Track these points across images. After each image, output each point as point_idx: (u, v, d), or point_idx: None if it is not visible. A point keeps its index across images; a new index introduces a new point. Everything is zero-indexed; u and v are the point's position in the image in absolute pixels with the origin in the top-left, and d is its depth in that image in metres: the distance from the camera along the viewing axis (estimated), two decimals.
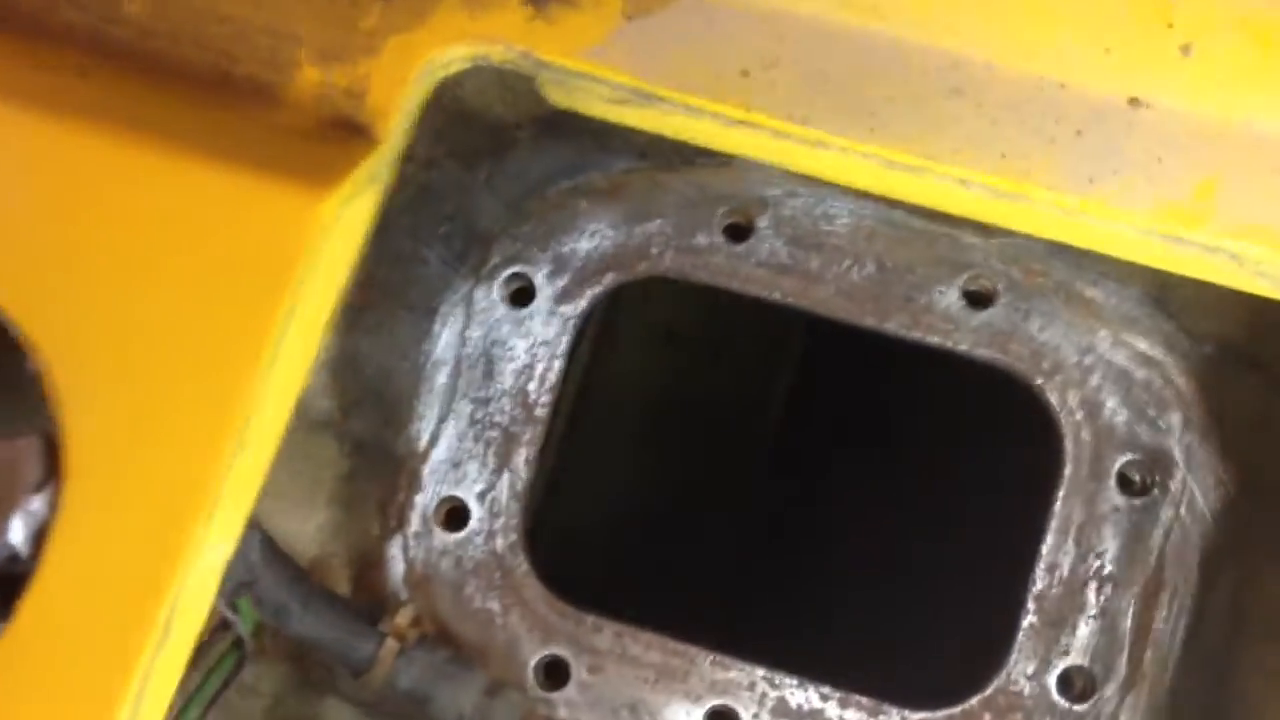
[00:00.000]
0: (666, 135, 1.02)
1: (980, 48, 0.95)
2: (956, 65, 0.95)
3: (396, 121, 0.95)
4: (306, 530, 1.29)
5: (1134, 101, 0.96)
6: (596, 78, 0.97)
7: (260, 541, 1.13)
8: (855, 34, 0.97)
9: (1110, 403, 1.28)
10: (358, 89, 0.95)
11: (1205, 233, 0.94)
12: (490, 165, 1.29)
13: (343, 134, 0.92)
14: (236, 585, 1.09)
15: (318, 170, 0.88)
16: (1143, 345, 1.28)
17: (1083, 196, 0.93)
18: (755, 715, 1.29)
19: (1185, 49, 0.94)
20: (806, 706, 1.29)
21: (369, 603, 1.25)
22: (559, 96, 1.01)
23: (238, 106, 0.92)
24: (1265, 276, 0.95)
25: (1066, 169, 0.93)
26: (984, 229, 1.26)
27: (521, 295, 1.31)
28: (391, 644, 1.17)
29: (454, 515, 1.31)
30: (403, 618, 1.19)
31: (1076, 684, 1.28)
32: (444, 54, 0.96)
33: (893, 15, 0.96)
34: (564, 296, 1.31)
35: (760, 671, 1.29)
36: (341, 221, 0.90)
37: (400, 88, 0.94)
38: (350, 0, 0.96)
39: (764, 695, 1.29)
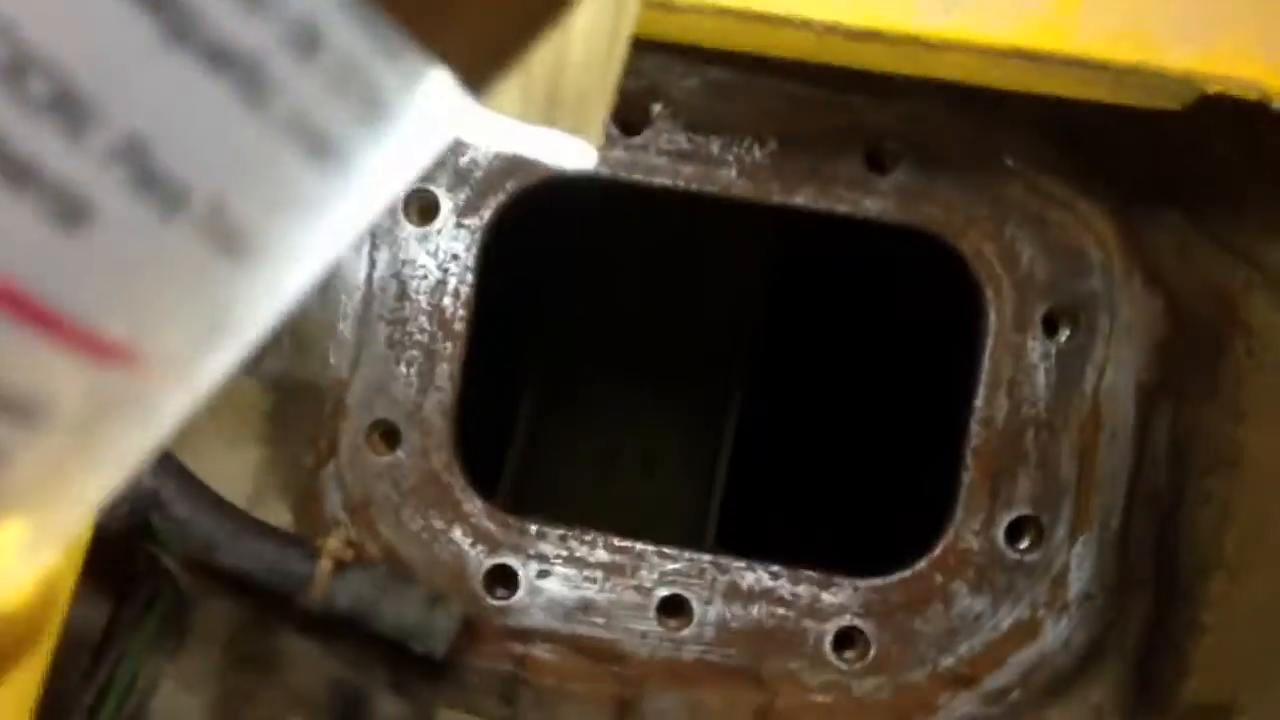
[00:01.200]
0: None
1: None
2: None
3: None
4: (241, 469, 1.28)
5: None
6: None
7: (175, 473, 1.13)
8: None
9: (1028, 251, 1.26)
10: None
11: (1070, 45, 0.92)
12: None
13: None
14: (144, 513, 1.08)
15: None
16: (1056, 189, 1.26)
17: (941, 28, 0.91)
18: (707, 600, 1.29)
19: None
20: (758, 586, 1.29)
21: (308, 534, 1.25)
22: None
23: None
24: (1137, 87, 0.93)
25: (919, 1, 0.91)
26: (880, 95, 1.24)
27: (425, 212, 1.30)
28: (325, 564, 1.17)
29: (385, 438, 1.30)
30: (336, 540, 1.19)
31: (1025, 534, 1.28)
32: None
33: None
34: (468, 209, 1.29)
35: (707, 559, 1.29)
36: None
37: None
38: None
39: (714, 581, 1.29)
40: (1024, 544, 1.28)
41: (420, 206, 1.29)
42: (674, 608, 1.29)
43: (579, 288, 1.89)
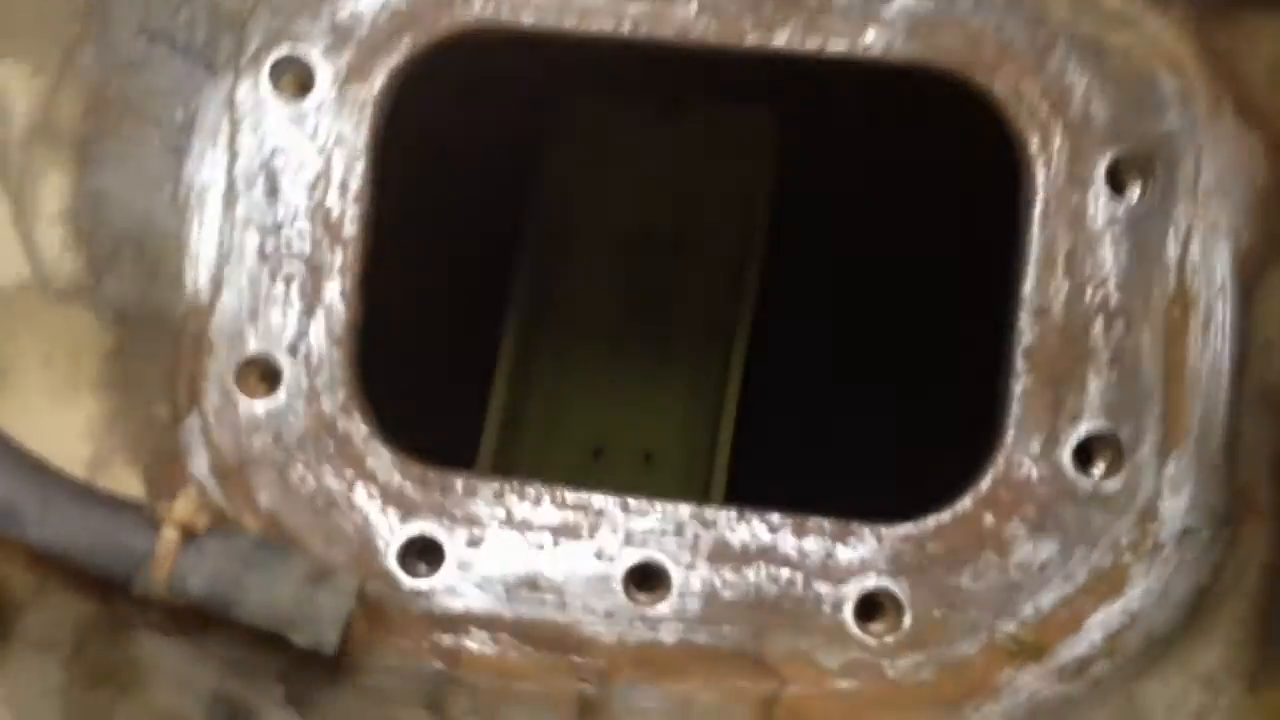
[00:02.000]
0: None
1: None
2: None
3: None
4: (73, 427, 1.00)
5: None
6: None
7: None
8: None
9: (1081, 85, 0.97)
10: None
11: None
12: None
13: None
14: None
15: None
16: (1113, 1, 0.96)
17: None
18: (689, 565, 0.99)
19: None
20: (753, 543, 0.99)
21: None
22: None
23: None
24: None
25: None
26: None
27: (297, 83, 1.01)
28: (169, 534, 0.88)
29: (261, 377, 1.01)
30: (185, 503, 0.90)
31: (1098, 455, 0.98)
32: None
33: None
34: (352, 76, 1.01)
35: (687, 510, 0.99)
36: None
37: None
38: None
39: (696, 539, 0.99)
40: (1098, 468, 0.98)
41: (292, 77, 1.01)
42: (646, 577, 0.99)
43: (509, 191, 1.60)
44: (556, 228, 1.68)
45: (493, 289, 1.59)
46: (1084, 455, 0.98)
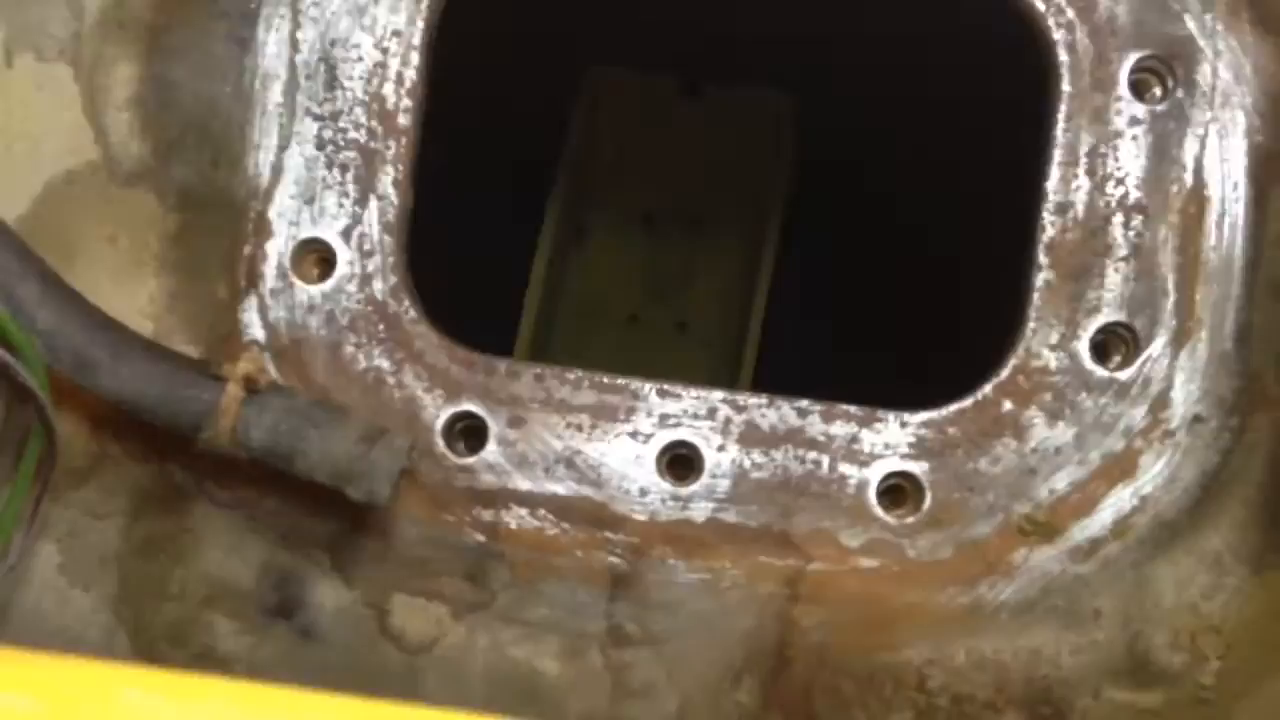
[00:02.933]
0: None
1: None
2: None
3: None
4: (136, 305, 1.04)
5: None
6: None
7: (36, 274, 0.89)
8: None
9: None
10: None
11: None
12: None
13: None
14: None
15: None
16: None
17: None
18: (720, 447, 1.03)
19: None
20: (782, 426, 1.03)
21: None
22: None
23: None
24: None
25: None
26: None
27: None
28: (233, 389, 0.93)
29: (317, 261, 1.06)
30: (247, 362, 0.94)
31: (1114, 346, 1.02)
32: None
33: None
34: None
35: (719, 394, 1.04)
36: None
37: None
38: None
39: (728, 421, 1.04)
40: (1114, 358, 1.02)
41: None
42: (679, 457, 1.04)
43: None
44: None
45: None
46: (1100, 346, 1.02)
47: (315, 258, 1.05)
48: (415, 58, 1.05)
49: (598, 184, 1.76)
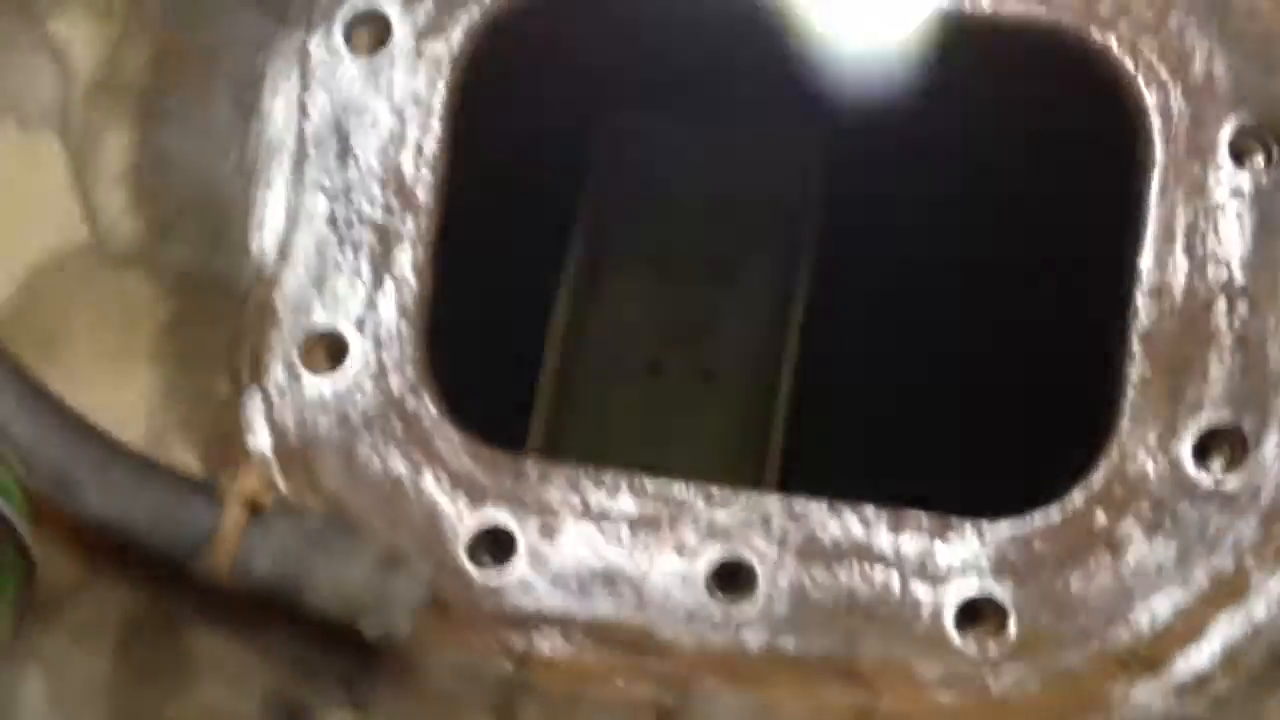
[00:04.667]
0: None
1: None
2: None
3: None
4: (126, 400, 0.94)
5: None
6: None
7: (12, 380, 0.79)
8: None
9: (1203, 47, 0.92)
10: None
11: None
12: None
13: None
14: None
15: None
16: None
17: None
18: (776, 563, 0.92)
19: None
20: (845, 540, 0.92)
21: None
22: None
23: None
24: None
25: None
26: None
27: (373, 37, 0.97)
28: (234, 511, 0.82)
29: (327, 353, 0.95)
30: (250, 478, 0.84)
31: (1219, 449, 0.91)
32: None
33: None
34: (429, 30, 0.96)
35: (774, 501, 0.93)
36: None
37: None
38: None
39: (785, 534, 0.92)
40: (1219, 463, 0.91)
41: (366, 30, 0.96)
42: (731, 575, 0.92)
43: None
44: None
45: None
46: (1204, 448, 0.91)
47: (326, 350, 0.95)
48: (436, 125, 0.96)
49: (617, 228, 1.66)
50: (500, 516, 0.93)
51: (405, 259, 0.95)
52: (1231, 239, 0.91)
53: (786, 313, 1.49)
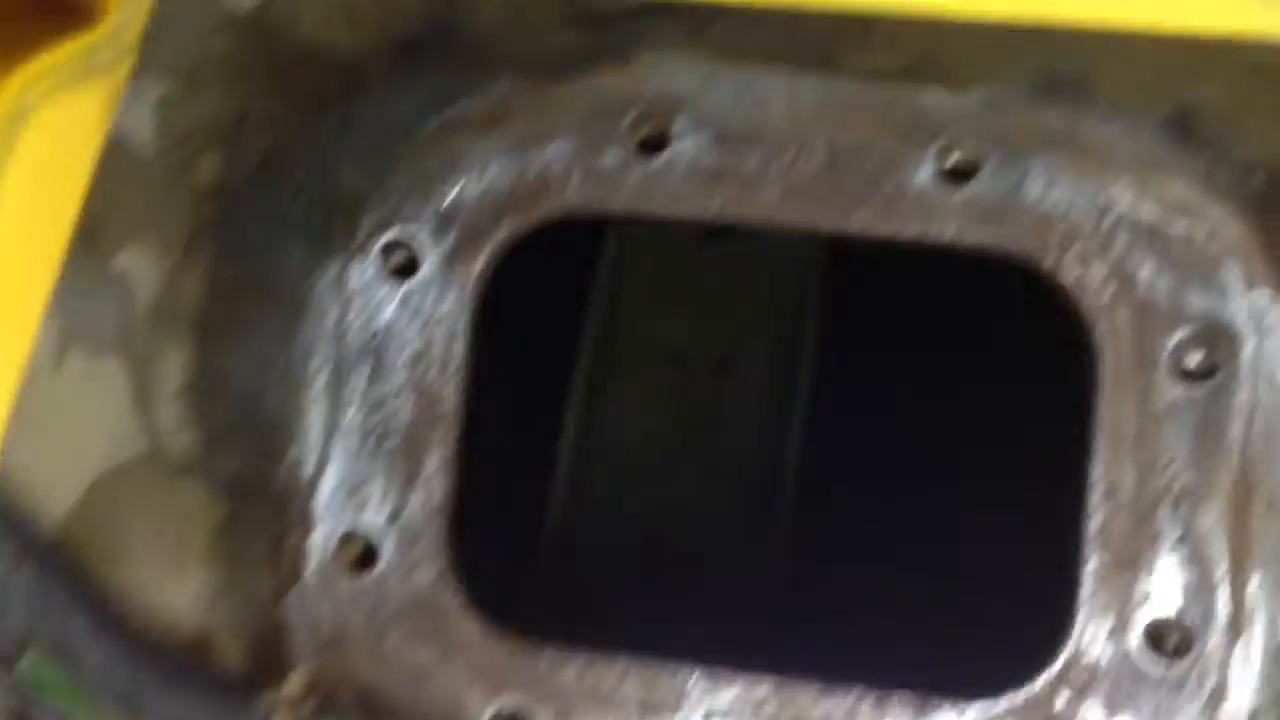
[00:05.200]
0: None
1: None
2: None
3: None
4: (180, 600, 1.03)
5: None
6: None
7: (89, 607, 0.89)
8: None
9: (1145, 269, 1.02)
10: None
11: None
12: (342, 112, 1.06)
13: (58, 18, 0.69)
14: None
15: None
16: (1174, 189, 1.02)
17: None
18: None
19: None
20: (832, 718, 1.01)
21: (266, 674, 0.99)
22: None
23: None
24: None
25: None
26: (952, 83, 1.02)
27: (404, 265, 1.07)
28: None
29: (360, 552, 1.05)
30: (293, 686, 0.93)
31: (1168, 638, 1.00)
32: None
33: None
34: (456, 257, 1.07)
35: (766, 685, 1.02)
36: (43, 113, 0.66)
37: None
38: None
39: (777, 713, 1.01)
40: (1168, 650, 1.00)
41: (398, 259, 1.07)
42: None
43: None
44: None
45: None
46: (1153, 638, 1.00)
47: (359, 549, 1.05)
48: (460, 343, 1.06)
49: (625, 331, 1.75)
50: (518, 702, 1.02)
51: (433, 464, 1.05)
52: (1175, 444, 1.01)
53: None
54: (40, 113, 0.66)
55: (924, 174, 1.03)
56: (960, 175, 1.03)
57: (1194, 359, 1.01)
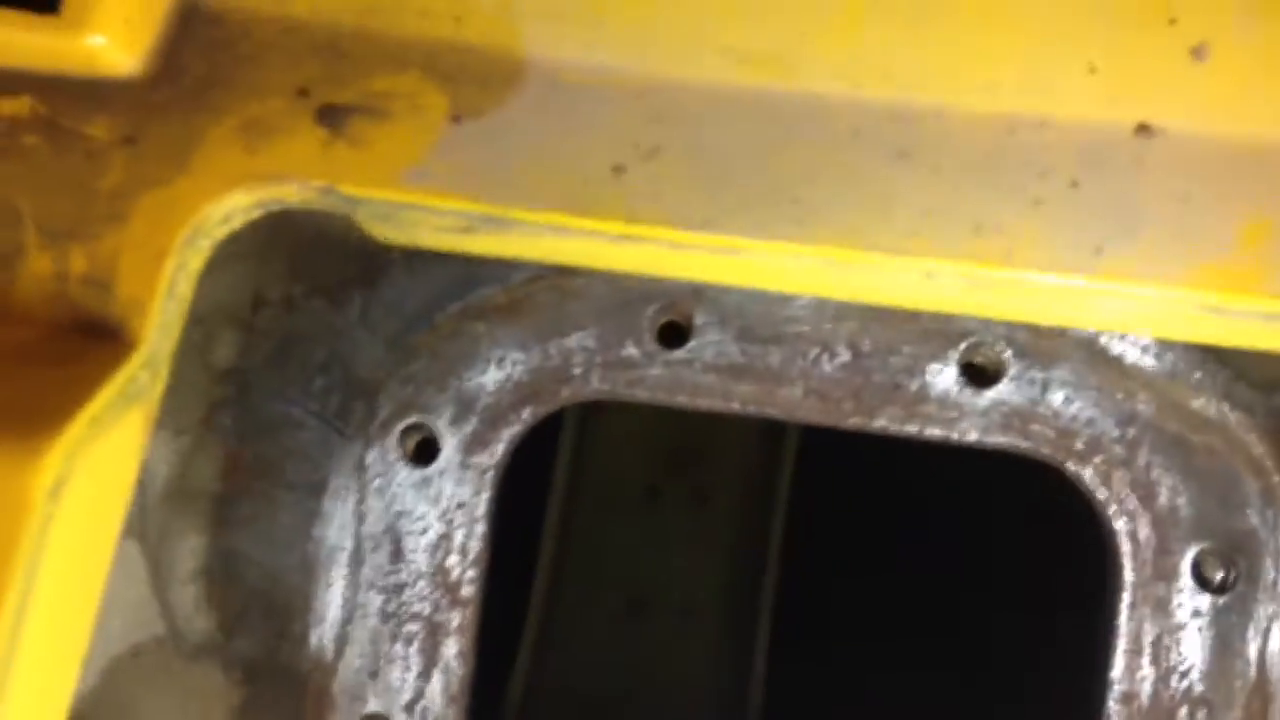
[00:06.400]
0: (535, 261, 0.77)
1: (925, 90, 0.70)
2: (897, 119, 0.70)
3: (158, 311, 0.70)
4: None
5: (1142, 129, 0.70)
6: (425, 207, 0.72)
7: None
8: (758, 99, 0.71)
9: (1167, 481, 1.02)
10: (101, 274, 0.70)
11: (1261, 295, 0.68)
12: (362, 298, 1.05)
13: (83, 342, 0.68)
14: None
15: (34, 412, 0.64)
16: (1197, 404, 1.01)
17: (1091, 272, 0.68)
18: None
19: (1198, 52, 0.69)
20: None
21: None
22: (387, 232, 0.77)
23: None
24: None
25: (1063, 237, 0.67)
26: None
27: (423, 450, 1.06)
28: None
29: None
30: None
31: None
32: (218, 208, 0.72)
33: (805, 67, 0.71)
34: (475, 444, 1.06)
35: None
36: (82, 468, 0.66)
37: (158, 263, 0.70)
38: (84, 152, 0.71)
39: None
40: None
41: (418, 444, 1.06)
42: None
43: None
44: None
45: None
46: None
47: None
48: (480, 528, 1.06)
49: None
50: None
51: (451, 649, 1.05)
52: (1193, 653, 1.02)
53: None
54: (84, 462, 0.65)
55: (948, 375, 1.02)
56: (985, 378, 1.02)
57: (1214, 572, 1.02)
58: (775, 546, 1.61)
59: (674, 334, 1.05)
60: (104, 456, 0.68)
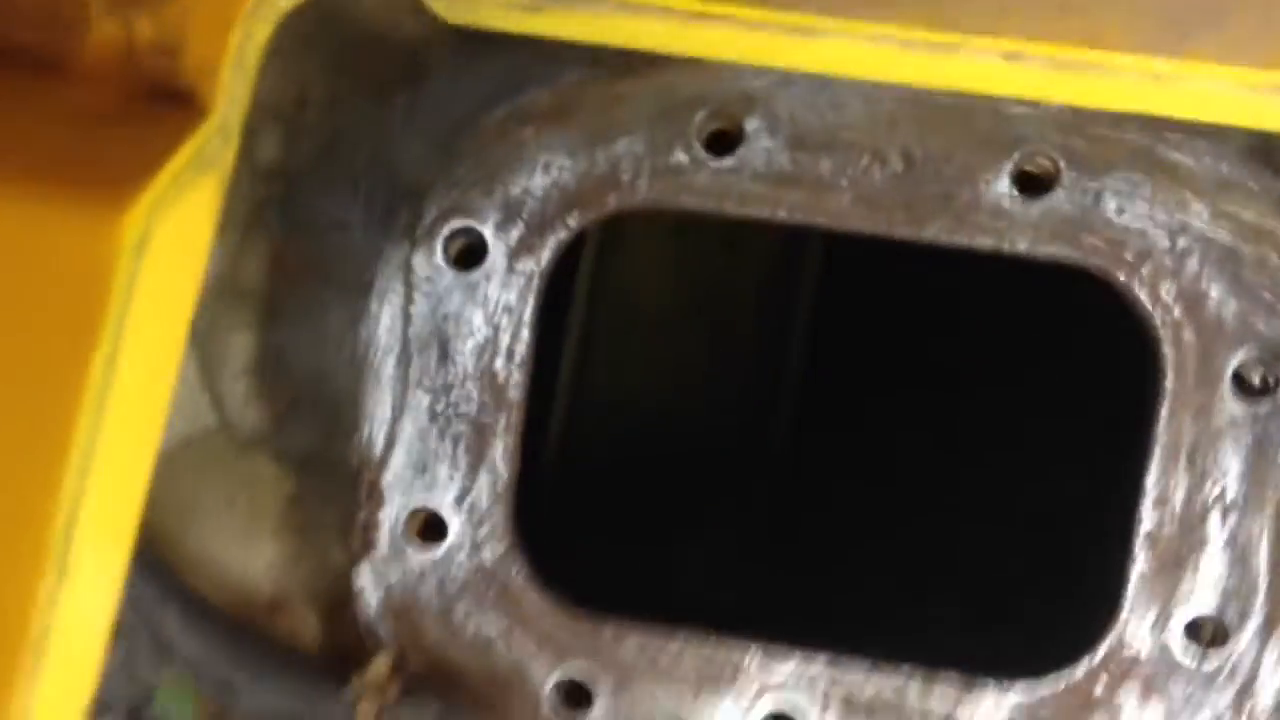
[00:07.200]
0: (605, 44, 0.76)
1: None
2: None
3: (229, 78, 0.70)
4: (255, 568, 1.07)
5: None
6: None
7: (178, 596, 0.92)
8: None
9: (1215, 290, 1.02)
10: (170, 40, 0.69)
11: None
12: (407, 97, 1.04)
13: (155, 108, 0.68)
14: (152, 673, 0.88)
15: (114, 170, 0.63)
16: (1249, 214, 1.01)
17: (1175, 58, 0.67)
18: (821, 716, 1.07)
19: None
20: (882, 696, 1.07)
21: (338, 654, 1.04)
22: (453, 11, 0.75)
23: (12, 92, 0.67)
24: None
25: (1150, 20, 0.67)
26: None
27: (469, 254, 1.07)
28: (366, 709, 0.96)
29: (429, 528, 1.08)
30: (378, 668, 0.98)
31: (1205, 634, 1.05)
32: None
33: None
34: (521, 249, 1.06)
35: (821, 660, 1.07)
36: (161, 230, 0.66)
37: (225, 30, 0.69)
38: None
39: (829, 689, 1.07)
40: (1204, 646, 1.05)
41: (464, 248, 1.06)
42: None
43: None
44: None
45: None
46: (1192, 634, 1.05)
47: (427, 526, 1.08)
48: (525, 333, 1.06)
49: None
50: (580, 671, 1.07)
51: (498, 450, 1.07)
52: (1227, 459, 1.03)
53: None
54: (163, 225, 0.65)
55: (1000, 184, 1.02)
56: (1037, 187, 1.02)
57: (1255, 377, 1.03)
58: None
59: (724, 140, 1.04)
60: (182, 219, 0.68)
